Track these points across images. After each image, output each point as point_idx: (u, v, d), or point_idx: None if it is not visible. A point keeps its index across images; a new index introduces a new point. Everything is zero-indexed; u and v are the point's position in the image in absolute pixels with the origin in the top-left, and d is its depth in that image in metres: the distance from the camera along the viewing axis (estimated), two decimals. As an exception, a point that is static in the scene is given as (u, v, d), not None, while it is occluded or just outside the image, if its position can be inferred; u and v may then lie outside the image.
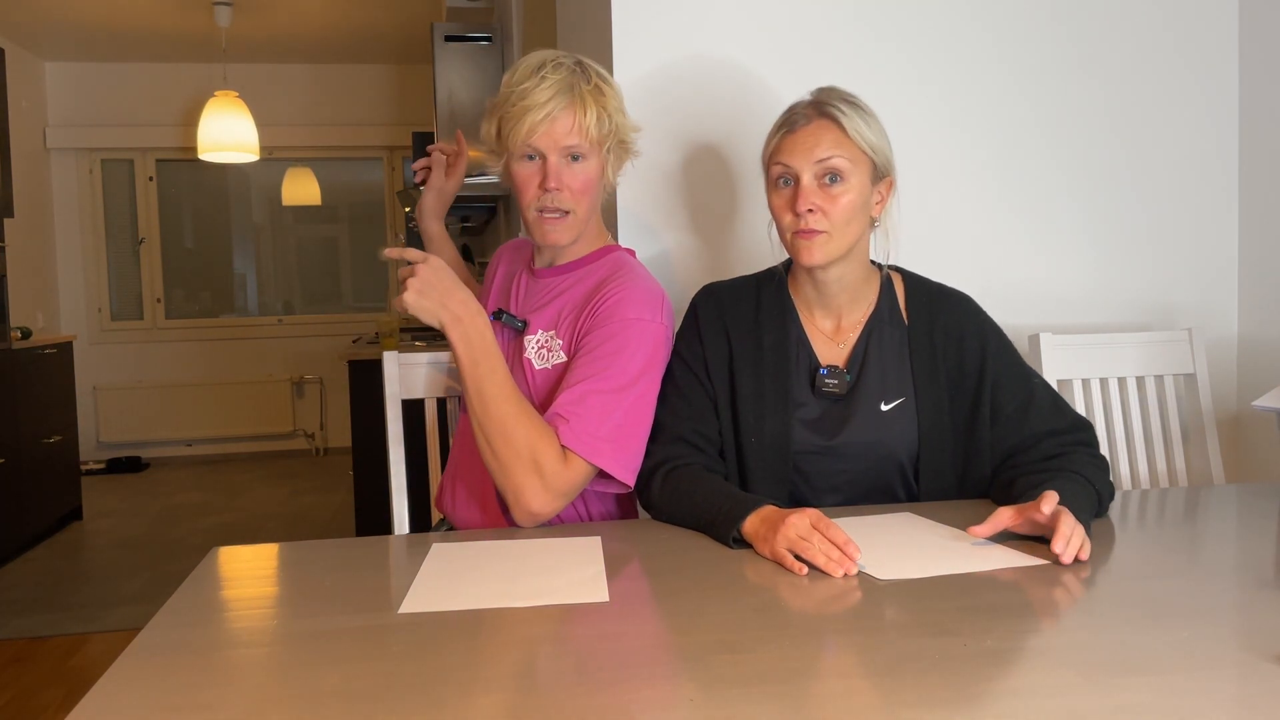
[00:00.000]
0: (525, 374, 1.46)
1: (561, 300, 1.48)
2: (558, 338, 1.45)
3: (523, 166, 1.41)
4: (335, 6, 5.16)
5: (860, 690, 0.79)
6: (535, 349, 1.46)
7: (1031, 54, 2.05)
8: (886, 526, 1.28)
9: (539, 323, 1.47)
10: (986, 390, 1.41)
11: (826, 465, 1.41)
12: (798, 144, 1.36)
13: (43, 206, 6.01)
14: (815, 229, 1.34)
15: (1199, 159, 2.14)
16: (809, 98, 1.41)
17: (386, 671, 0.85)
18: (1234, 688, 0.79)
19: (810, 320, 1.46)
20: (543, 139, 1.37)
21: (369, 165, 6.67)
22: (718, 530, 1.24)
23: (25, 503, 4.23)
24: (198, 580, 1.14)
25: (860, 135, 1.36)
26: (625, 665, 0.85)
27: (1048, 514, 1.13)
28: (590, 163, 1.41)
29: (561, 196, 1.40)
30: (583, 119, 1.37)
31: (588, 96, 1.38)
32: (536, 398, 1.44)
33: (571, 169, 1.40)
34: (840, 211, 1.35)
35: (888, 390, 1.42)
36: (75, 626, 3.28)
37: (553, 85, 1.36)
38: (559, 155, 1.39)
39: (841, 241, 1.36)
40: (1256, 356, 2.14)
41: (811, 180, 1.34)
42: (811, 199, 1.34)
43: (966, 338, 1.44)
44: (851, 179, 1.35)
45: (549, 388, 1.43)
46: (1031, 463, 1.37)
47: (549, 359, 1.45)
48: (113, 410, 6.29)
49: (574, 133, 1.37)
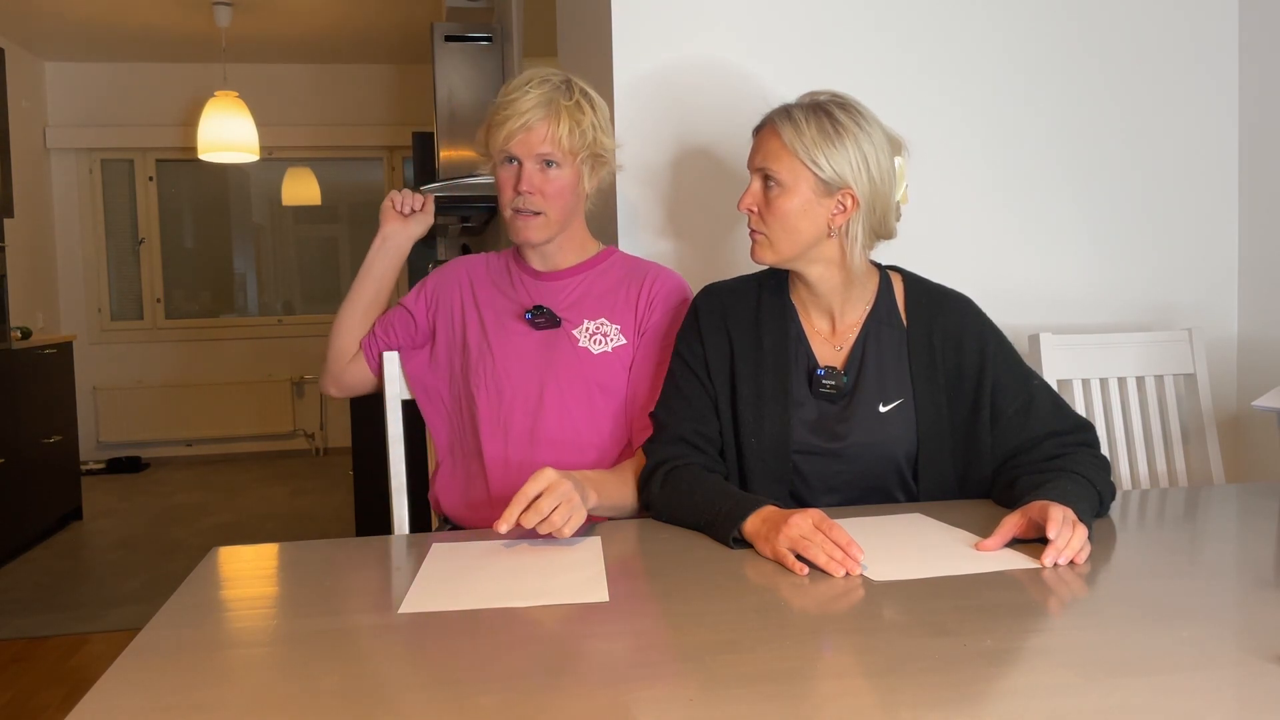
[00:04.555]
0: (579, 362, 1.55)
1: (594, 294, 1.60)
2: (611, 323, 1.57)
3: (502, 170, 1.54)
4: (335, 6, 5.16)
5: (860, 690, 0.79)
6: (588, 338, 1.57)
7: (1032, 54, 2.05)
8: (893, 527, 1.28)
9: (581, 314, 1.58)
10: (986, 392, 1.42)
11: (825, 466, 1.41)
12: (754, 147, 1.43)
13: (43, 206, 6.01)
14: (754, 229, 1.42)
15: (1199, 159, 2.14)
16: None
17: (386, 671, 0.85)
18: (1234, 688, 0.79)
19: (809, 321, 1.46)
20: (518, 145, 1.50)
21: (369, 165, 6.67)
22: (717, 530, 1.24)
23: (25, 503, 4.23)
24: (197, 580, 1.14)
25: (798, 147, 1.36)
26: (625, 665, 0.85)
27: (1054, 535, 1.12)
28: (564, 171, 1.52)
29: (533, 199, 1.52)
30: (556, 130, 1.49)
31: (564, 110, 1.50)
32: (595, 379, 1.55)
33: (545, 174, 1.52)
34: (776, 218, 1.39)
35: (886, 392, 1.42)
36: (75, 626, 3.28)
37: (535, 98, 1.49)
38: (533, 161, 1.51)
39: (782, 246, 1.40)
40: (1256, 356, 2.14)
41: (758, 184, 1.42)
42: (750, 200, 1.42)
43: (966, 339, 1.44)
44: (790, 188, 1.37)
45: (608, 368, 1.56)
46: (1033, 463, 1.37)
47: (607, 343, 1.57)
48: (113, 410, 6.29)
49: (547, 141, 1.50)
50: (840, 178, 1.36)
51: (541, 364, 1.56)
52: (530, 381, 1.55)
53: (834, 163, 1.35)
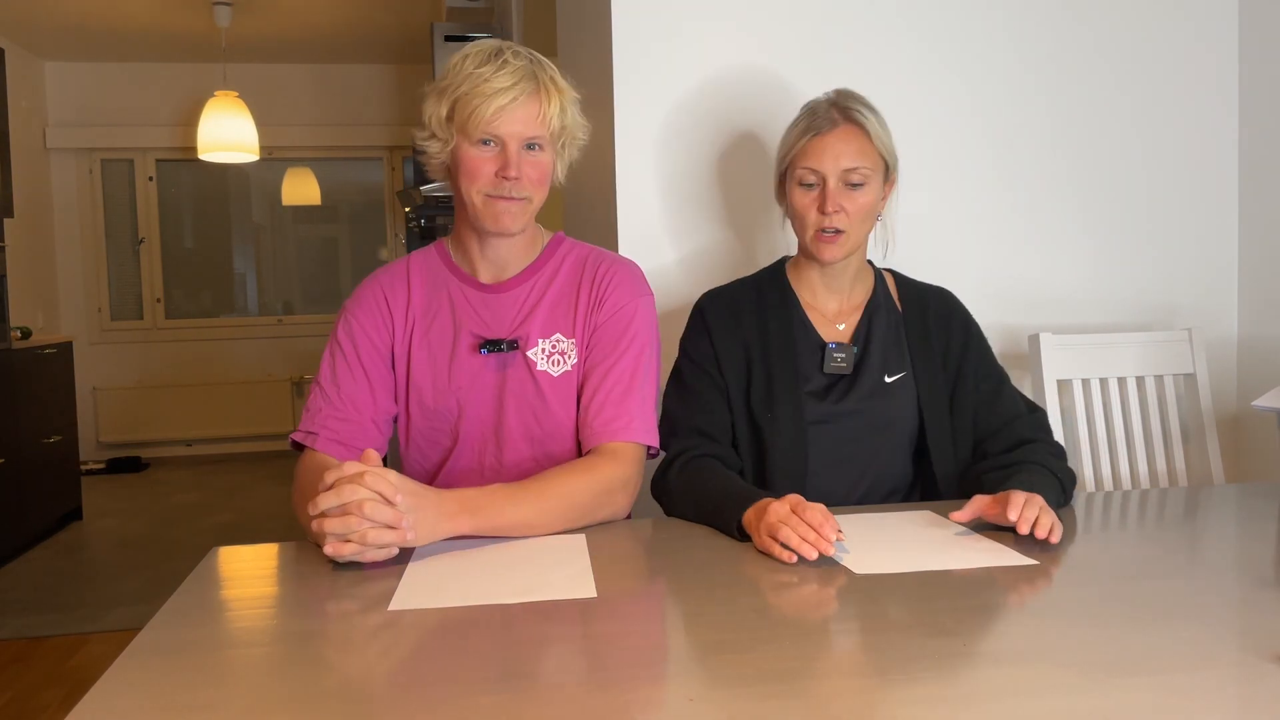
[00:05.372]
0: (539, 386, 1.42)
1: (544, 305, 1.44)
2: (566, 338, 1.43)
3: (477, 150, 1.34)
4: (335, 7, 5.16)
5: (860, 690, 0.79)
6: (545, 359, 1.42)
7: (1032, 54, 2.05)
8: (893, 524, 1.29)
9: (534, 333, 1.43)
10: (970, 368, 1.52)
11: (837, 434, 1.47)
12: (826, 149, 1.44)
13: (43, 206, 6.00)
14: (838, 228, 1.45)
15: (1199, 159, 2.14)
16: (828, 99, 1.48)
17: (386, 671, 0.85)
18: (1234, 688, 0.79)
19: (813, 306, 1.54)
20: (504, 125, 1.32)
21: (369, 165, 6.67)
22: (722, 521, 1.27)
23: (25, 503, 4.23)
24: (197, 580, 1.14)
25: (880, 140, 1.46)
26: (624, 664, 0.85)
27: (1014, 515, 1.17)
28: (547, 154, 1.37)
29: (520, 185, 1.35)
30: (546, 109, 1.33)
31: (550, 87, 1.34)
32: (556, 403, 1.42)
33: (530, 157, 1.35)
34: (859, 211, 1.45)
35: (889, 365, 1.51)
36: (75, 626, 3.28)
37: (515, 72, 1.31)
38: (519, 143, 1.34)
39: (856, 238, 1.47)
40: (1256, 356, 2.14)
41: (837, 184, 1.44)
42: (838, 201, 1.43)
43: (954, 321, 1.56)
44: (871, 181, 1.45)
45: (569, 389, 1.43)
46: (999, 454, 1.45)
47: (565, 362, 1.43)
48: (113, 410, 6.29)
49: (537, 122, 1.33)
50: (895, 161, 1.50)
51: (503, 394, 1.42)
52: (490, 415, 1.43)
53: (893, 148, 1.49)
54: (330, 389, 1.42)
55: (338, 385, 1.42)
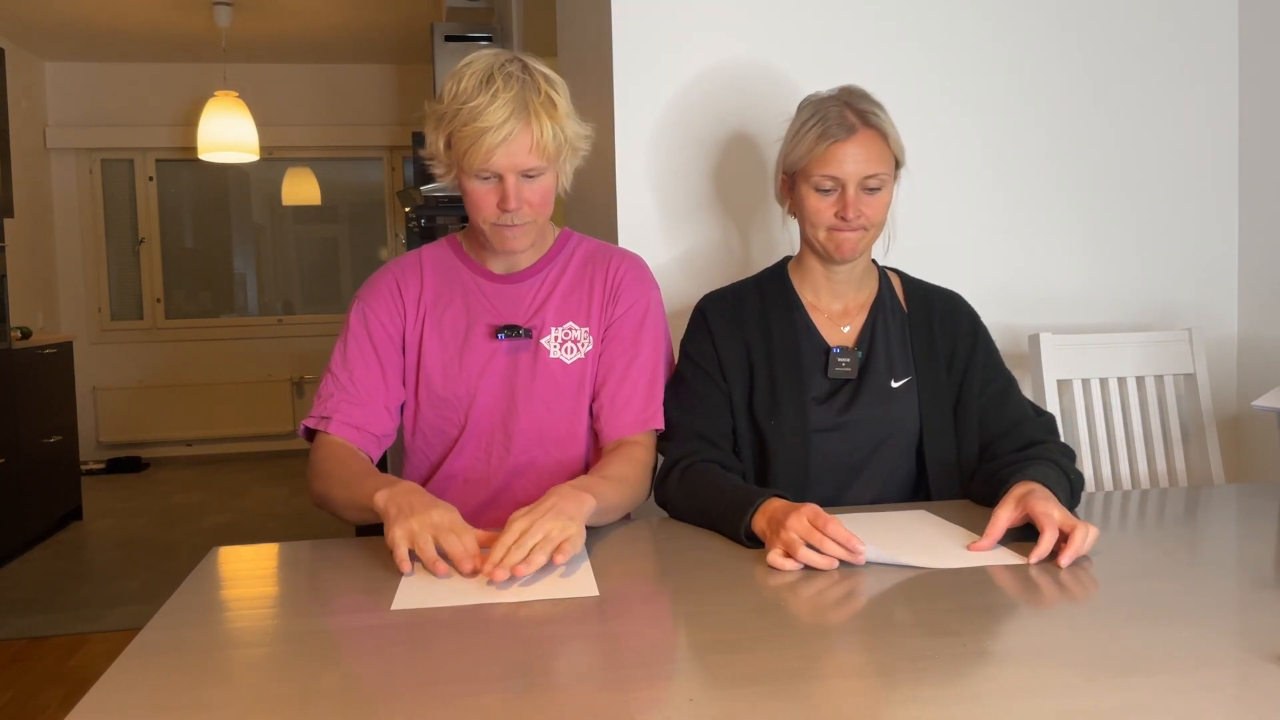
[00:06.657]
0: (552, 373, 1.45)
1: (557, 295, 1.48)
2: (580, 326, 1.47)
3: (478, 185, 1.36)
4: (335, 7, 5.16)
5: (860, 690, 0.79)
6: (559, 346, 1.46)
7: (1032, 54, 2.05)
8: (894, 523, 1.29)
9: (548, 321, 1.46)
10: (976, 370, 1.50)
11: (841, 443, 1.45)
12: (847, 157, 1.41)
13: (43, 206, 6.00)
14: (857, 228, 1.43)
15: (1199, 159, 2.14)
16: (837, 99, 1.44)
17: (386, 671, 0.85)
18: (1234, 688, 0.79)
19: (816, 307, 1.52)
20: (500, 161, 1.32)
21: (369, 165, 6.66)
22: (728, 526, 1.25)
23: (25, 503, 4.23)
24: (197, 580, 1.14)
25: (896, 142, 1.44)
26: (624, 664, 0.85)
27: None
28: (547, 176, 1.38)
29: (521, 213, 1.36)
30: (540, 137, 1.32)
31: (541, 111, 1.32)
32: (569, 390, 1.46)
33: (530, 185, 1.36)
34: (877, 213, 1.44)
35: (895, 369, 1.49)
36: (75, 626, 3.28)
37: (506, 104, 1.29)
38: (516, 175, 1.34)
39: (872, 237, 1.47)
40: (1256, 356, 2.14)
41: (857, 190, 1.42)
42: (859, 206, 1.42)
43: (960, 322, 1.54)
44: (888, 183, 1.44)
45: (581, 376, 1.47)
46: (1009, 452, 1.43)
47: (579, 349, 1.47)
48: (113, 410, 6.29)
49: (532, 153, 1.32)
50: (904, 155, 1.47)
51: (514, 382, 1.45)
52: (502, 400, 1.45)
53: (903, 143, 1.46)
54: (342, 374, 1.44)
55: (350, 370, 1.44)
